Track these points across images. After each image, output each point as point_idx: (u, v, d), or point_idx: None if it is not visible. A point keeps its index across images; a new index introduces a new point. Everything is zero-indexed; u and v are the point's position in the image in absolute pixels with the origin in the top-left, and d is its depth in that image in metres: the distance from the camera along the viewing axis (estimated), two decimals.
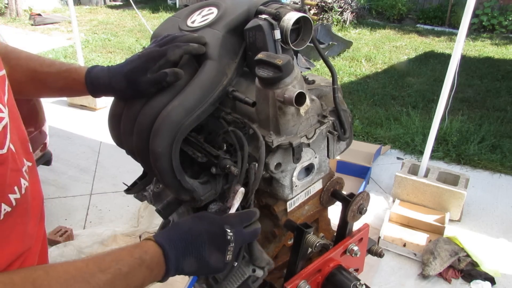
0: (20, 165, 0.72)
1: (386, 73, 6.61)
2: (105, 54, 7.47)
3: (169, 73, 0.82)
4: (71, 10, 4.59)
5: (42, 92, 0.99)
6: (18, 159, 0.71)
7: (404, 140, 4.29)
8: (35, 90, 0.96)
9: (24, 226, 0.73)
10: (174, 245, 0.71)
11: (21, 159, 0.74)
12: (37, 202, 0.81)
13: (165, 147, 0.81)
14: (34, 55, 0.94)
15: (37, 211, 0.81)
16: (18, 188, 0.69)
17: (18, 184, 0.70)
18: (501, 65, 7.07)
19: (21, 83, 0.90)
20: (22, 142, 0.77)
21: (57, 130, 4.33)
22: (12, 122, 0.71)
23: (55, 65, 0.93)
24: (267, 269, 0.87)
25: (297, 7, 0.90)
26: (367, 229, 1.05)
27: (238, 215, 0.82)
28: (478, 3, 7.84)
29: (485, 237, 2.97)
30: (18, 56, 0.91)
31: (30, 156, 0.80)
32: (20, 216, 0.71)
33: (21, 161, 0.73)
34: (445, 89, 2.89)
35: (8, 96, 0.72)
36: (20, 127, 0.78)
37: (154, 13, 11.06)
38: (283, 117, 0.82)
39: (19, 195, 0.69)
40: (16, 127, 0.74)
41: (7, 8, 10.45)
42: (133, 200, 1.18)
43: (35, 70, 0.91)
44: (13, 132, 0.71)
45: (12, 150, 0.69)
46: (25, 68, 0.90)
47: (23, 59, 0.91)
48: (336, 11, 9.45)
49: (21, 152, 0.75)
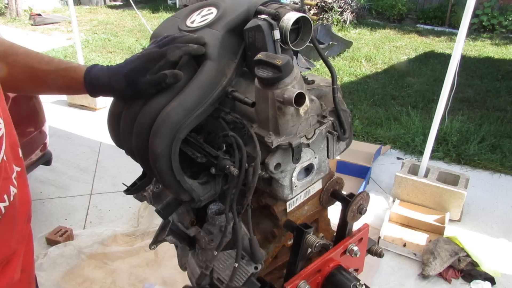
0: (10, 173, 0.72)
1: (386, 73, 6.60)
2: (105, 54, 7.47)
3: (168, 75, 0.82)
4: (71, 10, 4.59)
5: (39, 89, 0.98)
6: (8, 166, 0.71)
7: (404, 140, 4.28)
8: (32, 87, 0.95)
9: (11, 231, 0.73)
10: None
11: (11, 166, 0.73)
12: (25, 206, 0.81)
13: (165, 147, 0.81)
14: (32, 51, 0.92)
15: (24, 215, 0.81)
16: (7, 196, 0.69)
17: (7, 192, 0.69)
18: (501, 65, 7.07)
19: (18, 79, 0.89)
20: (12, 147, 0.76)
21: (57, 130, 4.33)
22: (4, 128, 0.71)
23: (54, 63, 0.91)
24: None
25: (296, 7, 0.90)
26: (367, 229, 1.05)
27: None
28: (478, 3, 7.84)
29: (485, 237, 2.97)
30: (15, 52, 0.89)
31: (20, 161, 0.79)
32: (7, 223, 0.71)
33: (11, 168, 0.73)
34: (445, 89, 2.88)
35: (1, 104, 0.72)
36: (12, 133, 0.77)
37: (154, 13, 11.06)
38: (283, 117, 0.82)
39: (8, 202, 0.69)
40: (8, 133, 0.74)
41: (7, 8, 10.45)
42: (133, 200, 1.18)
43: (33, 67, 0.89)
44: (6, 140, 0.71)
45: (5, 160, 0.69)
46: (23, 64, 0.89)
47: (21, 55, 0.89)
48: (336, 11, 9.44)
49: (11, 158, 0.74)
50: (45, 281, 2.37)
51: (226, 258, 0.89)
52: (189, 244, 0.99)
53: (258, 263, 0.87)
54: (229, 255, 0.89)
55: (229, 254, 0.89)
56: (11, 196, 0.71)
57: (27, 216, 0.83)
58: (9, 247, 0.73)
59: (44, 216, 3.08)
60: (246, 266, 0.81)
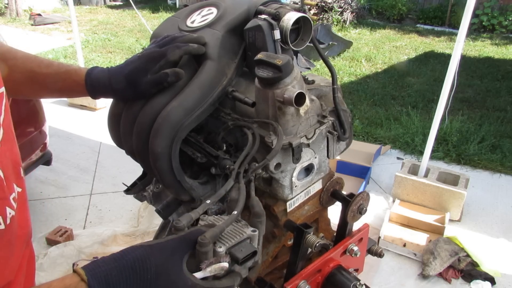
0: (7, 193, 0.67)
1: (386, 73, 6.60)
2: (105, 54, 7.47)
3: (170, 74, 0.82)
4: (71, 10, 4.59)
5: (40, 93, 0.98)
6: (6, 185, 0.67)
7: (404, 140, 4.28)
8: (33, 91, 0.95)
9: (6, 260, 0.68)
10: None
11: (10, 185, 0.69)
12: (24, 231, 0.76)
13: (165, 147, 0.81)
14: (31, 55, 0.92)
15: (23, 241, 0.77)
16: (2, 219, 0.65)
17: (3, 214, 0.65)
18: (501, 65, 7.07)
19: (19, 84, 0.89)
20: (14, 166, 0.73)
21: (57, 130, 4.33)
22: (5, 145, 0.68)
23: (54, 66, 0.91)
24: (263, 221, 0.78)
25: (296, 7, 0.90)
26: (367, 229, 1.05)
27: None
28: (478, 3, 7.83)
29: (485, 237, 2.97)
30: (14, 56, 0.89)
31: (21, 181, 0.76)
32: (2, 249, 0.66)
33: (10, 188, 0.69)
34: (445, 89, 2.89)
35: (4, 116, 0.69)
36: (14, 150, 0.74)
37: (154, 13, 11.05)
38: (283, 117, 0.82)
39: (4, 226, 0.65)
40: (9, 149, 0.71)
41: (7, 8, 10.44)
42: (133, 200, 1.18)
43: (33, 70, 0.89)
44: (5, 155, 0.68)
45: (1, 177, 0.65)
46: (22, 68, 0.88)
47: (20, 59, 0.89)
48: (336, 11, 9.44)
49: (12, 178, 0.71)
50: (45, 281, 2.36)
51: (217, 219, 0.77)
52: None
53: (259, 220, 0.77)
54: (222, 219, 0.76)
55: (222, 218, 0.77)
56: (7, 219, 0.66)
57: (26, 241, 0.78)
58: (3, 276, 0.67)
59: (44, 216, 3.08)
60: (243, 228, 0.76)
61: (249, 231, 0.71)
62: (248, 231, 0.71)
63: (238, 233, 0.70)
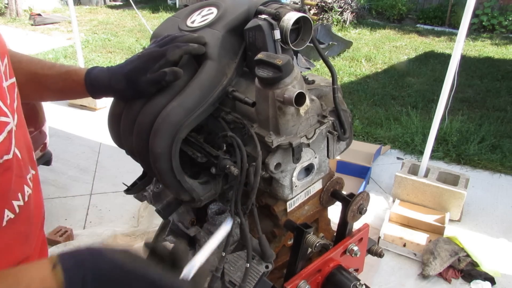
0: (25, 172, 0.71)
1: (386, 73, 6.60)
2: (105, 54, 7.47)
3: (168, 73, 0.82)
4: (71, 10, 4.59)
5: (42, 94, 0.99)
6: (23, 166, 0.70)
7: (404, 140, 4.28)
8: (35, 93, 0.96)
9: (26, 234, 0.72)
10: None
11: (27, 166, 0.73)
12: (39, 211, 0.80)
13: (165, 147, 0.81)
14: (35, 59, 0.94)
15: (39, 221, 0.80)
16: (21, 195, 0.68)
17: (21, 191, 0.69)
18: (501, 65, 7.07)
19: (22, 85, 0.90)
20: (28, 150, 0.76)
21: (57, 130, 4.33)
22: (19, 129, 0.70)
23: (55, 68, 0.93)
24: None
25: (297, 7, 0.90)
26: (367, 229, 1.05)
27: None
28: (478, 3, 7.84)
29: (485, 237, 2.97)
30: (19, 60, 0.91)
31: (34, 165, 0.80)
32: (23, 224, 0.70)
33: (27, 169, 0.72)
34: (445, 89, 2.88)
35: (17, 103, 0.72)
36: (26, 136, 0.77)
37: (154, 13, 11.05)
38: (283, 117, 0.82)
39: (23, 202, 0.69)
40: (23, 134, 0.74)
41: (7, 8, 10.44)
42: (133, 200, 1.18)
43: (35, 72, 0.91)
44: (20, 139, 0.71)
45: (18, 156, 0.68)
46: (26, 71, 0.90)
47: (24, 62, 0.91)
48: (336, 11, 9.44)
49: (27, 160, 0.74)
50: None
51: (236, 259, 0.88)
52: (189, 244, 1.00)
53: (269, 262, 0.86)
54: (239, 256, 0.89)
55: (239, 256, 0.88)
56: (25, 196, 0.69)
57: (41, 221, 0.82)
58: (23, 251, 0.71)
59: None
60: (257, 266, 0.81)
61: (263, 268, 0.82)
62: (263, 269, 0.81)
63: (254, 272, 0.80)
